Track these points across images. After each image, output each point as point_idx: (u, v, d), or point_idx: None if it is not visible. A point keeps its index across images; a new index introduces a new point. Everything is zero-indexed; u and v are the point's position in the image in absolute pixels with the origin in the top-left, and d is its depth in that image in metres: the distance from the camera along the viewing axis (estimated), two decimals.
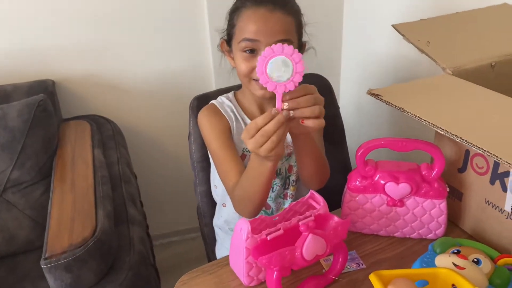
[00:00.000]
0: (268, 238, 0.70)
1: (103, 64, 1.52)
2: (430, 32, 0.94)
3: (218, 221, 1.12)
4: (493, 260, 0.75)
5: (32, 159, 1.22)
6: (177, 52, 1.58)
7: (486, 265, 0.71)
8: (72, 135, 1.36)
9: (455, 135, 0.63)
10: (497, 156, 0.58)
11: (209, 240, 1.19)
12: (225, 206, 1.07)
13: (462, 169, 0.86)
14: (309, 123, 0.72)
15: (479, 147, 0.60)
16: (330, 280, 0.77)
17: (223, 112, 0.99)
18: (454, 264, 0.69)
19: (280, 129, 0.70)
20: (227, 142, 0.96)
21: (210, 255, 1.20)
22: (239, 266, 0.75)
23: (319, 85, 0.78)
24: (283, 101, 0.70)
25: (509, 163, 0.57)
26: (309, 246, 0.68)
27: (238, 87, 1.07)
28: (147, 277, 1.08)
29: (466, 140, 0.62)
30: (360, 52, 1.66)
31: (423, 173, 0.83)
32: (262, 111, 0.99)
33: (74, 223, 0.99)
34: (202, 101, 1.13)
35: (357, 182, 0.86)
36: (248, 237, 0.69)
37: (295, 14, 0.90)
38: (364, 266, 0.82)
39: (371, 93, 0.76)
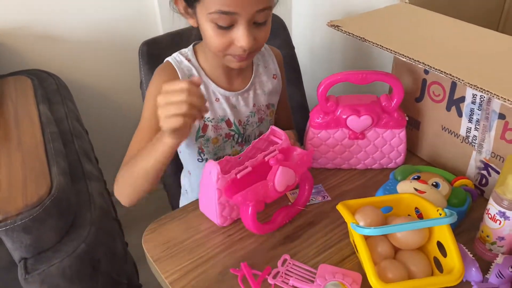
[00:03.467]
0: (238, 176, 0.70)
1: (36, 13, 1.38)
2: None
3: (184, 181, 1.08)
4: (450, 182, 0.79)
5: None
6: None
7: (444, 188, 0.75)
8: (12, 92, 1.26)
9: (417, 61, 0.63)
10: (458, 78, 0.59)
11: (172, 190, 1.17)
12: (190, 174, 1.02)
13: (419, 98, 0.88)
14: None
15: (441, 71, 0.60)
16: (298, 210, 0.79)
17: (180, 76, 0.86)
18: (416, 189, 0.73)
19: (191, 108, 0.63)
20: None
21: (174, 205, 1.18)
22: (211, 208, 0.75)
23: (273, 24, 0.75)
24: None
25: (468, 83, 0.59)
26: (280, 178, 0.70)
27: (189, 31, 0.94)
28: (110, 231, 1.06)
29: (427, 65, 0.62)
30: None
31: (383, 104, 0.84)
32: (228, 78, 0.89)
33: (27, 183, 0.93)
34: (152, 46, 1.07)
35: (319, 119, 0.86)
36: (219, 178, 0.69)
37: None
38: (329, 198, 0.84)
39: (331, 24, 0.74)
